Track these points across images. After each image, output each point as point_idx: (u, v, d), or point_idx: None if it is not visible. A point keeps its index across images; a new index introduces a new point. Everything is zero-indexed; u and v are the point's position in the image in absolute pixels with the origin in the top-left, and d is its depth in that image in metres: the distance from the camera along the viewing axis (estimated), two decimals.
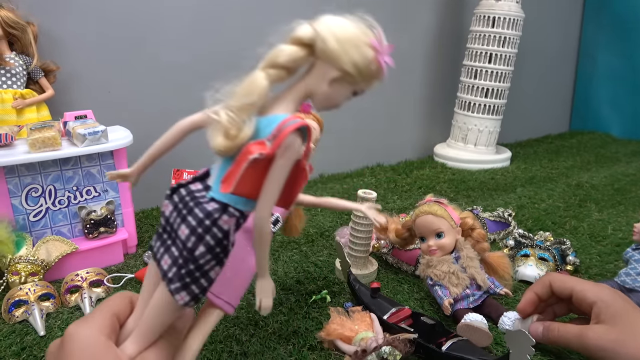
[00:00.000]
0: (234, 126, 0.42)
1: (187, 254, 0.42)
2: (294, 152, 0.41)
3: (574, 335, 0.59)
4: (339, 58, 0.42)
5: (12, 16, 0.91)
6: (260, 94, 0.42)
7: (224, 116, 0.42)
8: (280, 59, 0.43)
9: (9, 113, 0.93)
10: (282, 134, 0.40)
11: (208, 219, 0.42)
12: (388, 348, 0.56)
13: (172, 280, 0.43)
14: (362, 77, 0.43)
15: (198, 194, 0.44)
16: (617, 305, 0.58)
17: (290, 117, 0.41)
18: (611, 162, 1.69)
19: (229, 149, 0.42)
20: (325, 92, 0.44)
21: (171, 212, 0.45)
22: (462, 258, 0.74)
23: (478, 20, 1.54)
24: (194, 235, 0.42)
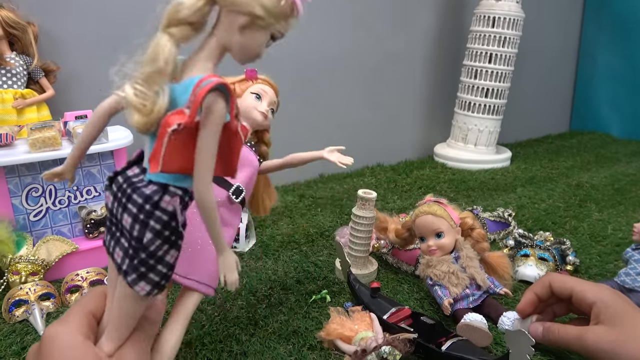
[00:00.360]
0: (146, 99, 0.38)
1: (135, 243, 0.40)
2: (217, 115, 0.38)
3: (574, 336, 0.59)
4: (242, 2, 0.38)
5: (13, 16, 0.91)
6: (166, 58, 0.38)
7: (130, 91, 0.39)
8: (179, 14, 0.39)
9: (9, 113, 0.93)
10: (197, 97, 0.37)
11: (148, 203, 0.39)
12: (388, 348, 0.56)
13: (127, 273, 0.41)
14: (273, 17, 0.40)
15: (135, 178, 0.41)
16: (617, 306, 0.58)
17: (205, 77, 0.38)
18: (611, 162, 1.69)
19: (148, 125, 0.39)
20: (240, 42, 0.40)
21: (112, 202, 0.42)
22: (461, 258, 0.74)
23: (478, 20, 1.54)
24: (138, 223, 0.39)
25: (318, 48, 1.39)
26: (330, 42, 1.41)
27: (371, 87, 1.55)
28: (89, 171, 0.85)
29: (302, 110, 1.42)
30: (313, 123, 1.43)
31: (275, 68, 1.34)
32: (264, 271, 0.86)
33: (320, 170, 1.47)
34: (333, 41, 1.42)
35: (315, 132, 1.42)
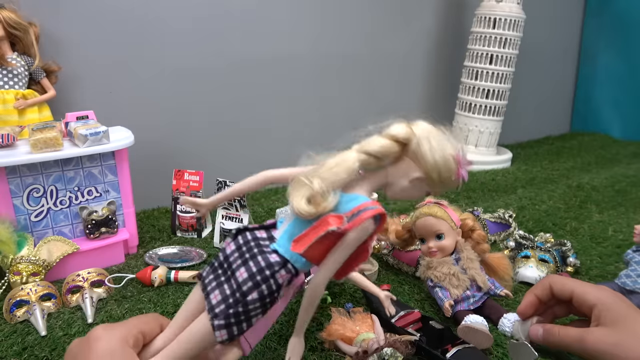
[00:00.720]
0: (322, 195, 0.45)
1: (239, 296, 0.45)
2: (365, 233, 0.45)
3: (574, 338, 0.59)
4: (427, 163, 0.46)
5: (14, 17, 0.91)
6: (350, 174, 0.46)
7: (317, 185, 0.45)
8: (374, 148, 0.47)
9: (10, 113, 0.93)
10: (363, 216, 0.45)
11: (269, 269, 0.45)
12: (389, 350, 0.56)
13: (217, 316, 0.45)
14: (441, 183, 0.48)
15: (263, 242, 0.48)
16: (618, 308, 0.58)
17: (370, 202, 0.46)
18: (612, 163, 1.69)
19: (313, 215, 0.45)
20: (404, 187, 0.48)
21: (233, 251, 0.48)
22: (462, 259, 0.74)
23: (479, 21, 1.54)
24: (252, 281, 0.45)
25: (319, 49, 1.39)
26: (330, 43, 1.42)
27: (371, 87, 1.55)
28: (90, 172, 0.85)
29: (303, 111, 1.42)
30: (313, 123, 1.43)
31: (277, 69, 1.35)
32: None
33: None
34: (334, 42, 1.42)
35: (315, 132, 1.43)
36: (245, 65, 1.27)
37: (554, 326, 0.63)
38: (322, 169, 0.47)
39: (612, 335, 0.56)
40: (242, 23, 1.24)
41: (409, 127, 0.48)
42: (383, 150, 0.47)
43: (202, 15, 1.18)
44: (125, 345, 0.44)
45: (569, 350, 0.61)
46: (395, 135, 0.47)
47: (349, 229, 0.44)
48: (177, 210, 1.02)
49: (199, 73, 1.21)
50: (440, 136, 0.48)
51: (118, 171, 0.88)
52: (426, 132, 0.47)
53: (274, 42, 1.31)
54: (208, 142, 1.27)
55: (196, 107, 1.23)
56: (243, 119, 1.32)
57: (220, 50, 1.23)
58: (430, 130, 0.48)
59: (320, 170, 0.47)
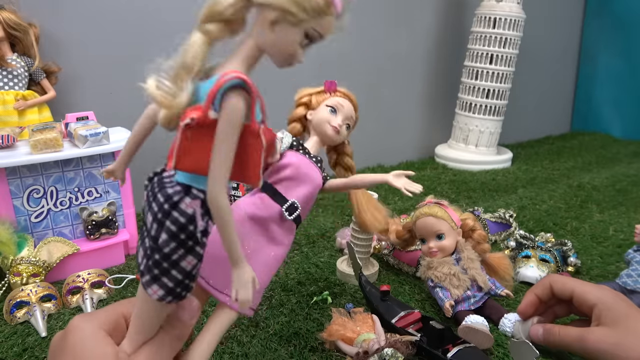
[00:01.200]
0: (168, 93, 0.38)
1: (151, 242, 0.39)
2: (233, 112, 0.36)
3: (574, 337, 0.59)
4: None
5: (14, 18, 0.91)
6: (194, 54, 0.38)
7: (152, 83, 0.38)
8: (214, 8, 0.38)
9: (10, 114, 0.93)
10: (211, 90, 0.36)
11: (167, 202, 0.38)
12: (390, 350, 0.56)
13: (143, 273, 0.40)
14: (304, 12, 0.38)
15: (167, 179, 0.40)
16: (618, 308, 0.58)
17: (225, 72, 0.36)
18: (612, 163, 1.69)
19: (169, 119, 0.38)
20: (272, 40, 0.39)
21: (144, 202, 0.41)
22: (463, 259, 0.74)
23: (479, 21, 1.54)
24: (156, 222, 0.38)
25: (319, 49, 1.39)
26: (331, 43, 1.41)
27: (372, 87, 1.55)
28: (90, 172, 0.85)
29: None
30: None
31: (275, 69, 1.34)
32: None
33: None
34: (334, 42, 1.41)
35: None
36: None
37: (554, 326, 0.63)
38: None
39: (612, 335, 0.56)
40: None
41: None
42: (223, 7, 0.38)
43: None
44: (100, 331, 0.42)
45: (570, 350, 0.61)
46: None
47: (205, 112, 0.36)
48: None
49: None
50: None
51: None
52: None
53: None
54: None
55: None
56: None
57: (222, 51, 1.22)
58: None
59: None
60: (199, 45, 0.38)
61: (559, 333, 0.61)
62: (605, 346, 0.56)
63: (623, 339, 0.55)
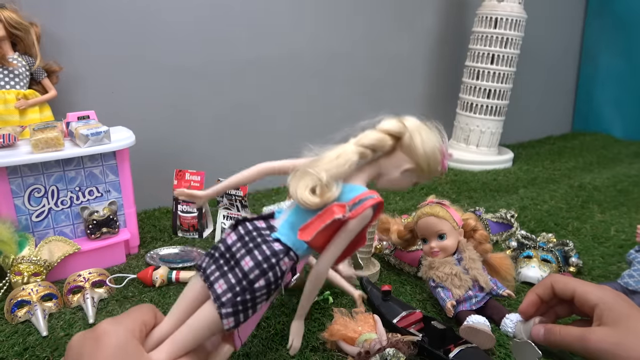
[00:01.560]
0: (327, 186, 0.48)
1: (246, 284, 0.46)
2: (365, 221, 0.49)
3: (576, 337, 0.59)
4: (418, 154, 0.50)
5: (15, 17, 0.91)
6: (351, 165, 0.49)
7: (324, 176, 0.48)
8: (370, 141, 0.51)
9: (12, 113, 0.93)
10: (365, 204, 0.48)
11: (274, 257, 0.47)
12: (392, 350, 0.56)
13: (224, 305, 0.46)
14: (428, 173, 0.52)
15: (264, 231, 0.50)
16: (620, 308, 0.58)
17: (369, 192, 0.49)
18: (613, 163, 1.69)
19: (316, 205, 0.48)
20: (396, 178, 0.52)
21: (235, 241, 0.49)
22: (464, 259, 0.74)
23: (480, 21, 1.54)
24: (259, 269, 0.46)
25: (320, 48, 1.39)
26: (332, 43, 1.41)
27: (373, 87, 1.55)
28: (91, 172, 0.85)
29: (304, 111, 1.42)
30: (315, 123, 1.43)
31: (278, 69, 1.35)
32: None
33: None
34: (335, 42, 1.42)
35: (318, 131, 1.42)
36: (247, 66, 1.27)
37: (555, 325, 0.62)
38: (323, 160, 0.49)
39: (614, 335, 0.56)
40: (245, 23, 1.24)
41: (400, 121, 0.52)
42: (378, 143, 0.51)
43: (204, 15, 1.18)
44: (134, 339, 0.43)
45: (571, 349, 0.61)
46: (389, 129, 0.51)
47: (352, 217, 0.47)
48: (178, 210, 1.02)
49: (200, 73, 1.21)
50: (428, 130, 0.52)
51: (119, 171, 0.87)
52: (416, 127, 0.51)
53: (275, 43, 1.31)
54: (209, 142, 1.27)
55: (197, 107, 1.23)
56: (245, 119, 1.31)
57: (222, 50, 1.23)
58: (419, 125, 0.52)
59: (321, 162, 0.49)
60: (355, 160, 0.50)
61: (560, 332, 0.61)
62: (606, 346, 0.56)
63: (624, 339, 0.55)
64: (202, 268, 0.50)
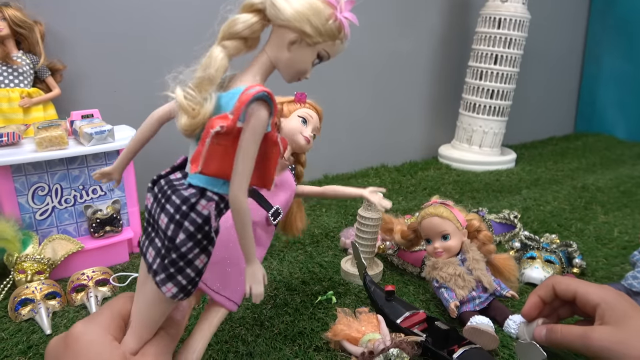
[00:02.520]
0: (194, 102, 0.40)
1: (168, 242, 0.41)
2: (258, 122, 0.39)
3: (578, 336, 0.59)
4: (292, 19, 0.40)
5: (20, 15, 0.91)
6: (217, 67, 0.41)
7: (180, 93, 0.41)
8: (233, 28, 0.42)
9: (16, 112, 0.93)
10: (241, 102, 0.39)
11: (185, 204, 0.40)
12: (396, 350, 0.56)
13: (157, 272, 0.42)
14: (320, 36, 0.42)
15: (177, 182, 0.43)
16: (622, 307, 0.58)
17: (250, 86, 0.40)
18: (616, 164, 1.69)
19: (193, 127, 0.41)
20: (288, 58, 0.42)
21: (152, 203, 0.44)
22: (468, 260, 0.74)
23: (484, 22, 1.53)
24: (173, 223, 0.41)
25: None
26: None
27: (376, 87, 1.55)
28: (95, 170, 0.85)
29: None
30: None
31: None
32: (269, 272, 0.86)
33: (324, 170, 1.47)
34: None
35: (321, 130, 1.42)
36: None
37: (556, 325, 0.62)
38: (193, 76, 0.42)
39: (616, 333, 0.56)
40: None
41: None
42: (242, 26, 0.42)
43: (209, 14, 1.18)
44: (107, 335, 0.43)
45: (573, 349, 0.61)
46: (249, 4, 0.42)
47: (235, 122, 0.39)
48: None
49: None
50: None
51: None
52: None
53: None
54: None
55: None
56: None
57: None
58: None
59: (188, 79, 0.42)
60: (220, 59, 0.41)
61: (562, 332, 0.61)
62: (608, 344, 0.56)
63: (627, 338, 0.55)
64: (139, 243, 0.46)
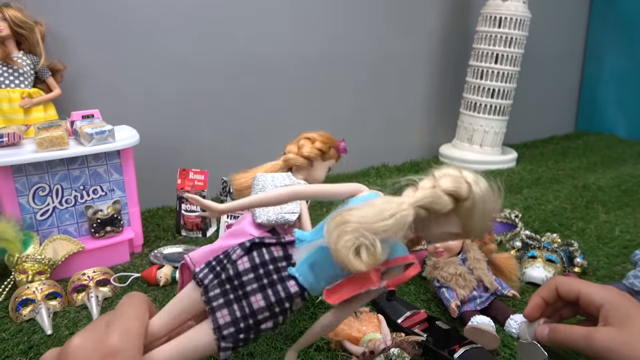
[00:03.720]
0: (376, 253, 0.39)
1: (252, 323, 0.43)
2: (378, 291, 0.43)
3: (581, 336, 0.58)
4: (474, 225, 0.42)
5: (20, 15, 0.91)
6: (405, 227, 0.40)
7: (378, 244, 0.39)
8: (430, 203, 0.41)
9: (16, 112, 0.93)
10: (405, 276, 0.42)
11: (288, 301, 0.43)
12: (396, 350, 0.56)
13: (225, 338, 0.43)
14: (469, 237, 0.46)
15: (280, 264, 0.44)
16: (625, 308, 0.58)
17: (411, 257, 0.43)
18: (617, 163, 1.68)
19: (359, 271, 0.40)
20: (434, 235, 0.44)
21: (246, 270, 0.44)
22: (469, 260, 0.74)
23: (484, 21, 1.53)
24: (269, 312, 0.43)
25: (323, 48, 1.39)
26: (335, 43, 1.41)
27: (376, 87, 1.55)
28: (96, 171, 0.85)
29: (308, 110, 1.41)
30: (320, 122, 1.43)
31: (283, 68, 1.35)
32: None
33: None
34: (338, 42, 1.42)
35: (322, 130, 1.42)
36: (250, 65, 1.27)
37: (559, 325, 0.62)
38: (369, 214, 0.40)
39: (620, 335, 0.56)
40: (248, 23, 1.24)
41: (466, 182, 0.42)
42: (437, 206, 0.41)
43: (209, 14, 1.18)
44: None
45: (576, 348, 0.60)
46: (453, 191, 0.41)
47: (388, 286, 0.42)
48: (182, 209, 1.02)
49: (204, 72, 1.21)
50: (492, 196, 0.43)
51: (123, 170, 0.88)
52: (483, 194, 0.42)
53: (280, 42, 1.31)
54: (213, 141, 1.27)
55: (201, 106, 1.23)
56: (249, 118, 1.31)
57: (226, 50, 1.22)
58: (486, 192, 0.42)
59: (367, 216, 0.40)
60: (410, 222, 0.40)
61: (565, 331, 0.60)
62: (612, 345, 0.55)
63: (631, 339, 0.55)
64: (203, 284, 0.45)
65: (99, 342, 0.39)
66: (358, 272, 0.39)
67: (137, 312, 0.43)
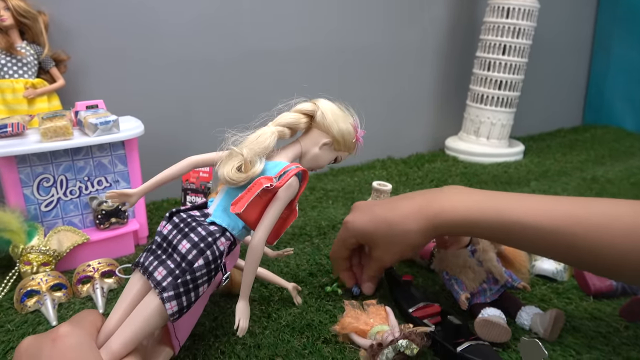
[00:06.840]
0: (250, 162, 0.53)
1: (185, 265, 0.48)
2: (292, 190, 0.53)
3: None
4: (333, 129, 0.58)
5: (24, 5, 0.90)
6: (271, 143, 0.55)
7: (246, 152, 0.53)
8: (287, 120, 0.58)
9: (20, 102, 0.92)
10: (289, 173, 0.53)
11: (210, 236, 0.50)
12: (405, 341, 0.55)
13: (165, 289, 0.47)
14: (344, 145, 0.59)
15: (199, 218, 0.53)
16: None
17: (292, 164, 0.55)
18: (626, 156, 1.67)
19: (241, 180, 0.52)
20: (315, 154, 0.58)
21: (170, 230, 0.51)
22: (478, 252, 0.73)
23: (492, 11, 1.51)
24: (196, 249, 0.48)
25: (329, 40, 1.38)
26: (341, 35, 1.40)
27: (382, 79, 1.53)
28: (100, 162, 0.84)
29: None
30: None
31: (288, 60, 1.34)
32: (275, 264, 0.85)
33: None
34: (344, 33, 1.40)
35: None
36: (256, 57, 1.26)
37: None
38: (245, 142, 0.54)
39: None
40: (254, 15, 1.23)
41: (313, 102, 0.59)
42: (293, 121, 0.57)
43: (215, 6, 1.16)
44: (91, 340, 0.45)
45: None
46: (302, 109, 0.58)
47: (279, 186, 0.52)
48: (186, 201, 1.01)
49: (210, 63, 1.20)
50: (338, 108, 0.60)
51: (128, 161, 0.87)
52: (327, 105, 0.59)
53: (285, 34, 1.29)
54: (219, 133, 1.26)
55: (206, 97, 1.22)
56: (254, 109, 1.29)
57: (232, 41, 1.21)
58: (330, 104, 0.60)
59: (243, 143, 0.54)
60: (273, 139, 0.56)
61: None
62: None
63: None
64: (140, 263, 0.51)
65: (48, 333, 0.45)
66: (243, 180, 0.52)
67: (88, 314, 0.50)
